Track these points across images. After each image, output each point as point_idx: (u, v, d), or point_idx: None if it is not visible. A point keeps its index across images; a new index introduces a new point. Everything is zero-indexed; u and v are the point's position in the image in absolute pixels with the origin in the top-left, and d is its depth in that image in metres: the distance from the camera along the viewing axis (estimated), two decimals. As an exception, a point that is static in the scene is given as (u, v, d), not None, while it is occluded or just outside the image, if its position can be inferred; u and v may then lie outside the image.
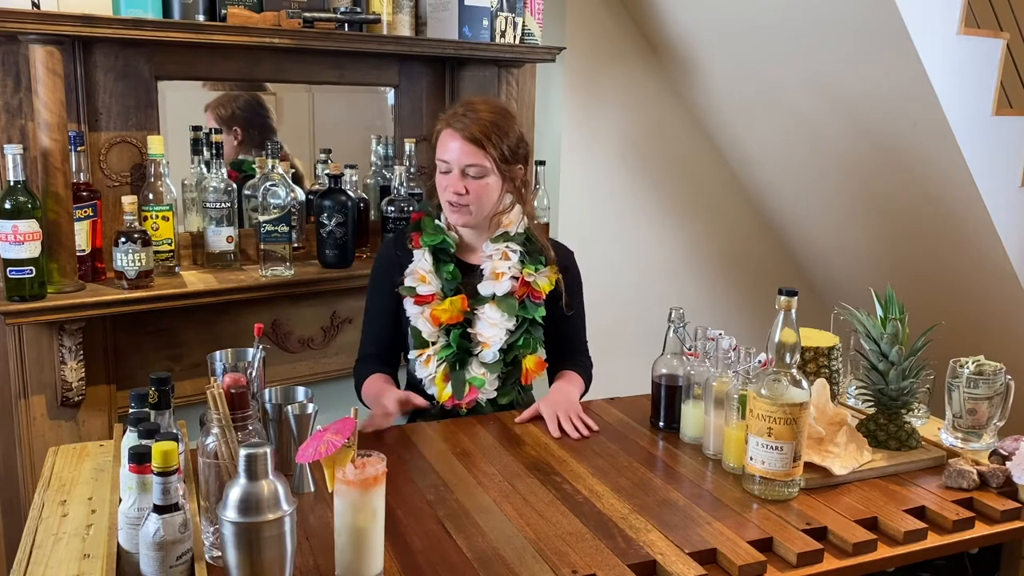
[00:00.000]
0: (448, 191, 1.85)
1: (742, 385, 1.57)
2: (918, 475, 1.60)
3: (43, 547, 1.28)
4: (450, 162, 1.84)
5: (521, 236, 1.93)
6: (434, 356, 1.88)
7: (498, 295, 1.88)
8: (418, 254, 1.91)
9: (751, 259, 3.78)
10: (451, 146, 1.83)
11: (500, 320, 1.87)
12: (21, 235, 1.87)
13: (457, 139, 1.83)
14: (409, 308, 1.89)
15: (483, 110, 1.86)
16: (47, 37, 1.86)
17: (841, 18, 2.63)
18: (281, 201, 2.21)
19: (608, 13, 3.17)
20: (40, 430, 2.06)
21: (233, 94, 2.50)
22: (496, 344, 1.87)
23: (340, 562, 1.21)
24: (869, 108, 2.86)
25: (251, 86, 2.49)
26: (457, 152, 1.83)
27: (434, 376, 1.88)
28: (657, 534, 1.36)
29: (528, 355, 1.90)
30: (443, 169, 1.86)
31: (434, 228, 1.92)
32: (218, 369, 1.57)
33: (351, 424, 1.23)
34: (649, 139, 3.40)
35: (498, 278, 1.89)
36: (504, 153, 1.84)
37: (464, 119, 1.83)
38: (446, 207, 1.88)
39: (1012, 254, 2.95)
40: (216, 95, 2.47)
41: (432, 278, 1.88)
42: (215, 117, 2.46)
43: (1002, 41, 2.78)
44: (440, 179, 1.87)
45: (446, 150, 1.84)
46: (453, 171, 1.84)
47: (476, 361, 1.89)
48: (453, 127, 1.83)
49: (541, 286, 1.91)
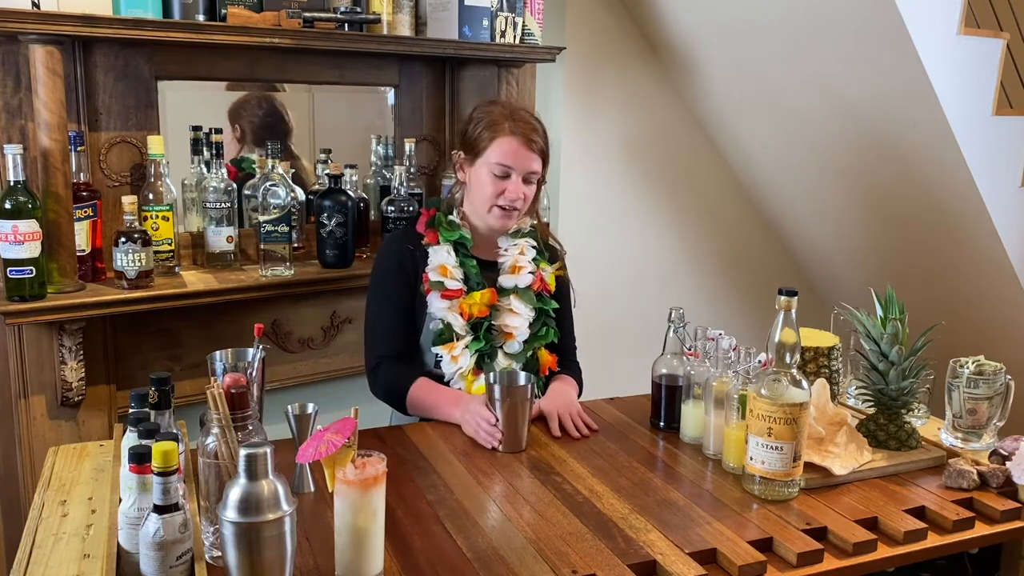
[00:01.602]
0: (507, 196, 1.87)
1: (742, 385, 1.57)
2: (918, 475, 1.60)
3: (43, 547, 1.28)
4: (513, 168, 1.86)
5: (533, 232, 2.00)
6: (463, 351, 1.88)
7: (519, 287, 1.92)
8: (436, 249, 1.91)
9: (751, 259, 3.78)
10: (515, 152, 1.86)
11: (524, 311, 1.92)
12: (21, 235, 1.87)
13: (523, 146, 1.86)
14: (435, 303, 1.88)
15: (532, 118, 1.92)
16: (47, 37, 1.86)
17: (841, 18, 2.63)
18: (281, 201, 2.21)
19: (608, 13, 3.17)
20: (40, 430, 2.06)
21: (249, 95, 2.51)
22: (522, 335, 1.91)
23: (340, 562, 1.21)
24: (869, 108, 2.86)
25: (265, 87, 2.50)
26: (524, 159, 1.86)
27: (464, 371, 1.88)
28: (657, 534, 1.36)
29: (544, 347, 1.95)
30: (501, 174, 1.86)
31: (450, 224, 1.94)
32: (218, 369, 1.57)
33: (351, 424, 1.23)
34: (649, 139, 3.40)
35: (518, 272, 1.93)
36: (547, 157, 1.92)
37: (525, 126, 1.88)
38: (496, 211, 1.89)
39: (1012, 254, 2.95)
40: (236, 96, 2.49)
41: (457, 272, 1.90)
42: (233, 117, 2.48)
43: (1002, 41, 2.78)
44: (495, 183, 1.87)
45: (510, 156, 1.86)
46: (513, 177, 1.87)
47: (502, 353, 1.91)
48: (516, 134, 1.86)
49: (549, 281, 1.97)
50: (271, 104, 2.56)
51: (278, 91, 2.54)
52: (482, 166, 1.88)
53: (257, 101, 2.53)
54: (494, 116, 1.90)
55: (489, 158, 1.87)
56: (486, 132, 1.88)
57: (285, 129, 2.57)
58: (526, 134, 1.87)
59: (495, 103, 1.99)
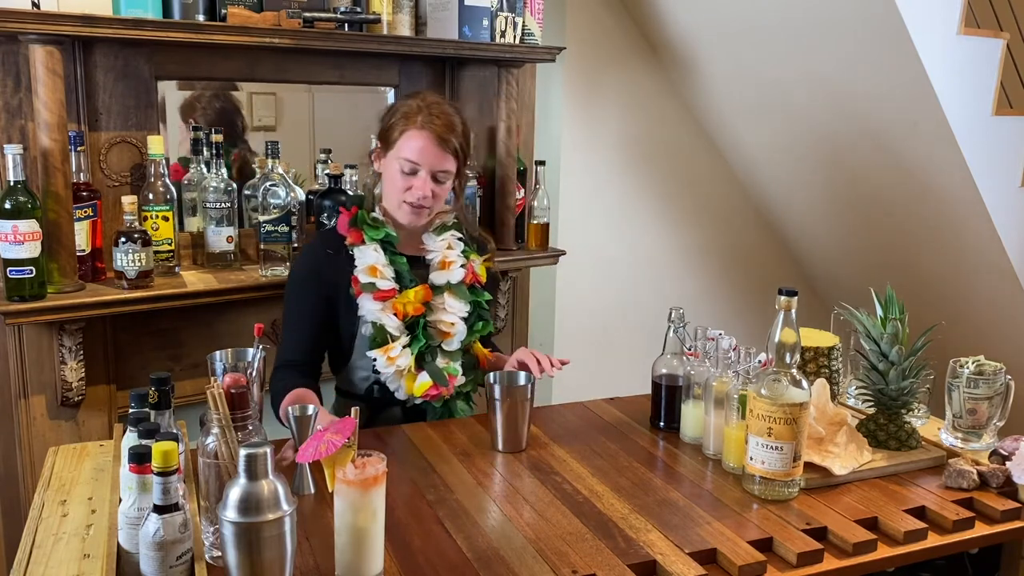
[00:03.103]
0: (414, 193, 1.81)
1: (742, 385, 1.57)
2: (918, 475, 1.60)
3: (43, 547, 1.28)
4: (420, 164, 1.80)
5: (457, 225, 1.95)
6: (401, 351, 1.82)
7: (452, 283, 1.88)
8: (363, 250, 1.83)
9: (751, 259, 3.78)
10: (424, 149, 1.79)
11: (459, 308, 1.88)
12: (21, 235, 1.87)
13: (431, 143, 1.79)
14: (367, 305, 1.81)
15: (450, 112, 1.83)
16: (47, 37, 1.86)
17: (841, 18, 2.63)
18: (281, 201, 2.21)
19: (608, 13, 3.17)
20: (40, 430, 2.06)
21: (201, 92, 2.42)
22: (460, 332, 1.87)
23: (340, 562, 1.21)
24: (869, 108, 2.86)
25: (223, 86, 2.42)
26: (430, 156, 1.79)
27: (403, 371, 1.82)
28: (657, 534, 1.36)
29: (478, 340, 1.93)
30: (407, 170, 1.80)
31: (374, 222, 1.86)
32: (218, 369, 1.57)
33: (351, 424, 1.23)
34: (649, 139, 3.40)
35: (448, 267, 1.88)
36: (464, 156, 1.85)
37: (435, 121, 1.79)
38: (404, 208, 1.83)
39: (1012, 254, 2.95)
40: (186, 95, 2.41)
41: (388, 271, 1.83)
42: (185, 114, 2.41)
43: (1002, 41, 2.78)
44: (401, 179, 1.81)
45: (416, 152, 1.79)
46: (421, 174, 1.80)
47: (440, 351, 1.86)
48: (428, 129, 1.78)
49: (480, 272, 1.94)
50: (228, 101, 2.48)
51: (237, 89, 2.47)
52: (392, 159, 1.82)
53: (210, 98, 2.46)
54: (410, 108, 1.82)
55: (399, 152, 1.80)
56: (399, 123, 1.81)
57: (241, 126, 2.49)
58: (439, 131, 1.78)
59: (417, 94, 1.89)
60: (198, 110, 2.41)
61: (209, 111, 2.42)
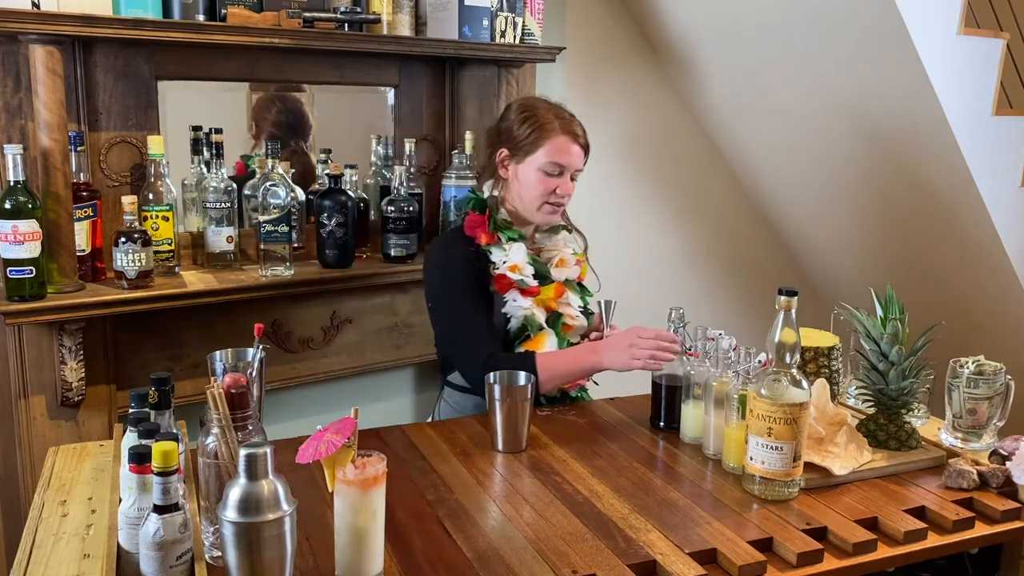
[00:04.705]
0: (558, 193, 1.94)
1: (742, 385, 1.57)
2: (918, 475, 1.60)
3: (43, 547, 1.28)
4: (566, 166, 1.93)
5: (564, 225, 2.09)
6: (551, 345, 1.92)
7: (569, 279, 2.02)
8: (505, 249, 1.94)
9: (751, 259, 3.78)
10: (572, 151, 1.93)
11: (577, 302, 2.02)
12: (21, 235, 1.87)
13: (576, 145, 1.94)
14: (518, 300, 1.92)
15: (571, 114, 1.99)
16: (47, 37, 1.86)
17: (841, 18, 2.63)
18: (281, 201, 2.21)
19: (608, 13, 3.17)
20: (40, 430, 2.06)
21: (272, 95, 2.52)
22: (581, 326, 2.00)
23: (340, 562, 1.21)
24: (869, 108, 2.86)
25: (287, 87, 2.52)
26: (575, 158, 1.94)
27: None
28: (657, 534, 1.36)
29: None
30: (554, 172, 1.92)
31: (504, 222, 1.98)
32: (218, 369, 1.57)
33: (351, 424, 1.23)
34: (649, 139, 3.40)
35: (565, 264, 2.02)
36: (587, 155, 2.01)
37: (575, 125, 1.95)
38: (545, 208, 1.95)
39: (1012, 254, 2.95)
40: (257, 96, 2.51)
41: (528, 269, 1.94)
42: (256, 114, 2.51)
43: (1002, 41, 2.78)
44: (546, 181, 1.93)
45: (565, 154, 1.92)
46: (565, 175, 1.94)
47: (567, 344, 1.98)
48: (570, 133, 1.93)
49: (584, 272, 2.08)
50: (294, 104, 2.58)
51: (302, 91, 2.56)
52: (531, 164, 1.93)
53: (274, 100, 2.54)
54: (542, 115, 1.95)
55: (541, 157, 1.92)
56: (536, 131, 1.93)
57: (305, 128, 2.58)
58: (574, 131, 1.94)
59: (536, 100, 2.02)
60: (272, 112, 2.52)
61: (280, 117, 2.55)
